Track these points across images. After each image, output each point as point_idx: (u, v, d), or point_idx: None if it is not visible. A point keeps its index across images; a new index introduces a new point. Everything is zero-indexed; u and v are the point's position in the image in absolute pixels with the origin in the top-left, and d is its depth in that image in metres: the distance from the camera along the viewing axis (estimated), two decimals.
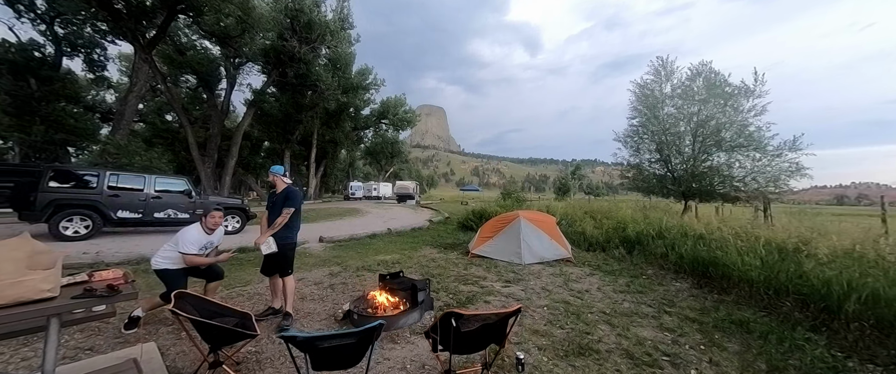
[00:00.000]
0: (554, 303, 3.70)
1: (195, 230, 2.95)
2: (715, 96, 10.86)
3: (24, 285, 1.22)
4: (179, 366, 2.28)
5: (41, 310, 1.27)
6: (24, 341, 2.49)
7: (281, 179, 3.18)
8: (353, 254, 6.77)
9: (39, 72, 19.61)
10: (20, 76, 18.97)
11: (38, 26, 19.99)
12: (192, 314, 1.88)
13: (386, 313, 2.94)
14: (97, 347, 2.48)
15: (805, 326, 3.15)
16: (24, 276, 1.22)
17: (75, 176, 6.46)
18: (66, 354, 2.36)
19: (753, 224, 6.35)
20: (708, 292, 4.31)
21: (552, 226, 6.64)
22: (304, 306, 3.43)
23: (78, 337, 2.64)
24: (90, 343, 2.56)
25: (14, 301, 1.21)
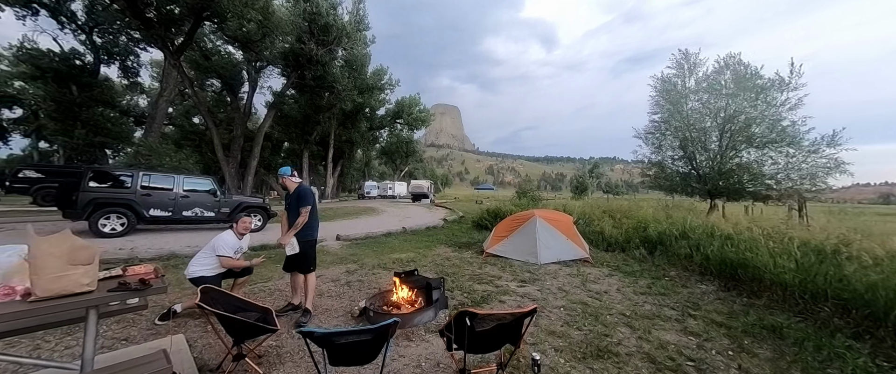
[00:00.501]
0: (571, 304, 3.63)
1: (230, 236, 3.20)
2: (744, 90, 10.31)
3: (67, 279, 1.31)
4: (206, 358, 2.39)
5: (81, 302, 1.36)
6: (67, 330, 2.67)
7: (290, 179, 3.25)
8: (370, 252, 6.87)
9: (80, 79, 21.01)
10: (63, 83, 20.39)
11: (79, 36, 21.40)
12: (216, 309, 1.97)
13: (401, 311, 2.97)
14: (131, 337, 2.64)
15: (846, 333, 2.94)
16: (67, 271, 1.31)
17: (112, 177, 6.89)
18: (104, 344, 2.52)
19: (787, 224, 5.99)
20: (736, 296, 4.10)
21: (569, 225, 6.51)
22: (321, 303, 3.52)
23: (114, 328, 2.81)
24: (125, 334, 2.72)
25: (58, 294, 1.30)
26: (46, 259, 1.26)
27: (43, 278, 1.27)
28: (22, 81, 23.17)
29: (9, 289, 1.31)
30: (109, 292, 1.45)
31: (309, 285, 3.10)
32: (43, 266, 1.26)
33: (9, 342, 2.36)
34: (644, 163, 13.29)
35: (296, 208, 3.11)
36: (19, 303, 1.29)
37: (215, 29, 21.91)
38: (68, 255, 1.31)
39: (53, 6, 20.03)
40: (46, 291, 1.28)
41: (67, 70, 20.62)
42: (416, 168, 71.80)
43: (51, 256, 1.27)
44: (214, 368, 2.21)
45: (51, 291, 1.29)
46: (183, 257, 5.64)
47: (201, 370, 2.16)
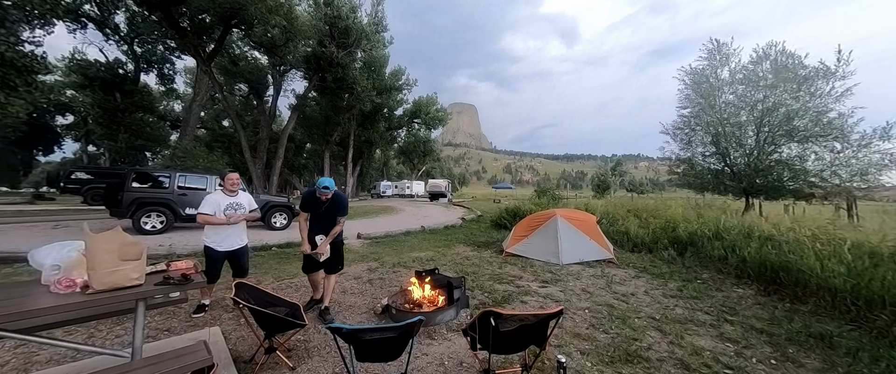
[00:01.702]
0: (596, 306, 3.52)
1: (217, 194, 3.27)
2: (785, 81, 9.60)
3: (119, 273, 1.42)
4: (240, 349, 2.51)
5: (131, 294, 1.46)
6: (116, 321, 2.89)
7: None
8: (390, 250, 6.97)
9: (123, 86, 22.62)
10: (108, 91, 22.03)
11: (121, 47, 23.04)
12: (249, 303, 2.06)
13: (422, 309, 2.99)
14: (173, 328, 2.81)
15: None
16: (119, 266, 1.41)
17: (152, 177, 7.38)
18: (149, 333, 2.70)
19: (835, 225, 5.54)
20: (778, 301, 3.84)
21: (592, 225, 6.32)
22: (345, 300, 3.60)
23: (157, 319, 3.01)
24: (167, 325, 2.91)
25: (111, 287, 1.41)
26: (101, 255, 1.37)
27: (99, 273, 1.37)
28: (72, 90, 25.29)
29: (70, 282, 1.43)
30: (156, 285, 1.56)
31: (332, 285, 3.16)
32: (99, 261, 1.37)
33: (67, 330, 2.58)
34: (672, 160, 12.70)
35: (332, 216, 3.07)
36: (79, 295, 1.40)
37: (242, 36, 22.94)
38: (120, 251, 1.41)
39: (99, 20, 21.65)
40: (102, 284, 1.39)
41: (112, 78, 22.26)
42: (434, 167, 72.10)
43: (105, 252, 1.38)
44: (248, 359, 2.31)
45: (106, 284, 1.39)
46: None
47: (235, 361, 2.26)
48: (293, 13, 19.65)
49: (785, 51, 10.04)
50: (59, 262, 1.46)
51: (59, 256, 1.48)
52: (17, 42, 10.22)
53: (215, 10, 17.45)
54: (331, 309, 3.12)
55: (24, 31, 10.77)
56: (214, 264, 3.17)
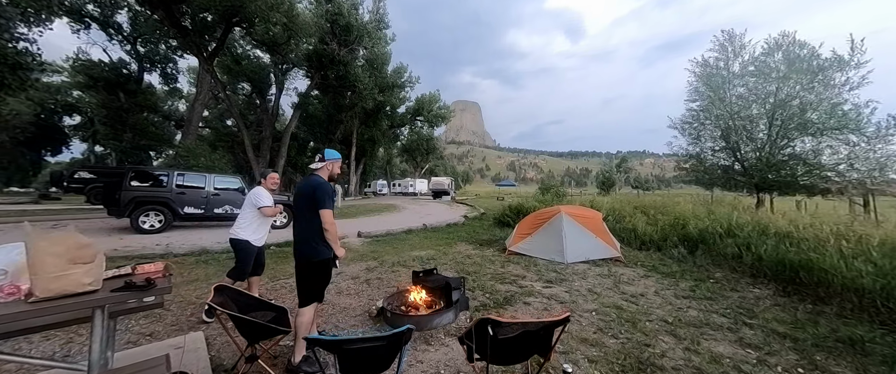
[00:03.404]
0: (604, 308, 3.32)
1: (263, 190, 3.30)
2: (798, 72, 9.24)
3: (67, 278, 1.26)
4: (223, 356, 2.36)
5: (84, 302, 1.30)
6: None
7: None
8: (390, 249, 6.82)
9: (127, 86, 22.71)
10: (112, 91, 22.14)
11: (125, 47, 23.11)
12: (230, 308, 1.90)
13: (419, 312, 2.82)
14: (156, 333, 2.66)
15: None
16: (67, 270, 1.26)
17: (151, 176, 7.31)
18: (130, 339, 2.56)
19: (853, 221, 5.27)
20: (798, 302, 3.60)
21: (598, 222, 6.10)
22: (340, 301, 3.44)
23: (142, 323, 2.87)
24: (151, 329, 2.76)
25: (58, 294, 1.25)
26: (44, 258, 1.21)
27: (42, 278, 1.22)
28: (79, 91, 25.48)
29: (14, 288, 1.28)
30: (114, 291, 1.40)
31: (303, 323, 2.18)
32: (42, 265, 1.21)
33: (28, 340, 2.39)
34: (680, 155, 12.37)
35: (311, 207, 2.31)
36: (21, 303, 1.25)
37: (244, 34, 22.87)
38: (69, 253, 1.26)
39: (102, 20, 21.72)
40: (46, 291, 1.23)
41: (116, 78, 22.36)
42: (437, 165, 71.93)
43: (49, 254, 1.22)
44: (230, 368, 2.16)
45: (51, 291, 1.24)
46: (213, 253, 5.84)
47: (216, 370, 2.11)
48: (294, 10, 19.51)
49: (797, 41, 9.67)
50: (6, 266, 1.31)
51: (6, 259, 1.33)
52: (11, 39, 10.16)
53: (216, 8, 17.36)
54: None
55: (16, 27, 10.71)
56: (249, 259, 3.12)
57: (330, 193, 2.29)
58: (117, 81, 22.25)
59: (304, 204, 2.23)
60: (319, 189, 2.21)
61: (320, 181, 2.28)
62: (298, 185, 2.41)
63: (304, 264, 2.22)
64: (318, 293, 2.31)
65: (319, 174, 2.33)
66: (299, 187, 2.36)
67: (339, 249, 2.35)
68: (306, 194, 2.24)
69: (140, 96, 23.08)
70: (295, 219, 2.33)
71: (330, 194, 2.29)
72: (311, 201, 2.20)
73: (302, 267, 2.24)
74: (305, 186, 2.29)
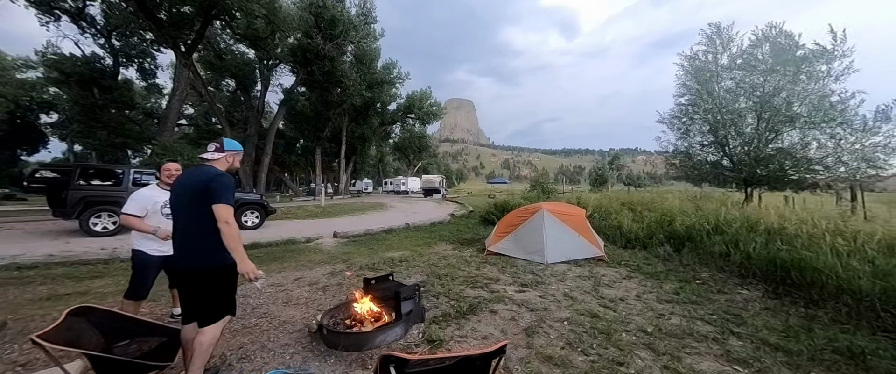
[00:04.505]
0: (578, 316, 2.98)
1: (147, 189, 2.61)
2: (784, 63, 9.05)
3: None
4: None
5: None
6: None
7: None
8: (364, 250, 6.43)
9: (101, 82, 21.74)
10: (86, 87, 21.16)
11: (98, 40, 22.11)
12: (87, 339, 1.48)
13: (363, 327, 2.43)
14: (31, 364, 2.17)
15: None
16: None
17: (103, 174, 6.75)
18: (5, 370, 2.11)
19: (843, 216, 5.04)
20: (790, 304, 3.31)
21: (581, 220, 5.78)
22: (283, 313, 3.03)
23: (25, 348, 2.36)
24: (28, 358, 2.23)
25: None
26: None
27: None
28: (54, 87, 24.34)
29: None
30: None
31: (204, 343, 1.75)
32: None
33: None
34: (669, 151, 12.16)
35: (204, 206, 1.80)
36: None
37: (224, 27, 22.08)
38: None
39: (74, 11, 20.70)
40: None
41: (89, 74, 21.37)
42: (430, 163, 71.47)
43: None
44: None
45: None
46: None
47: None
48: (275, 3, 18.83)
49: (783, 32, 9.49)
50: None
51: None
52: None
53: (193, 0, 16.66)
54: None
55: None
56: (146, 274, 2.47)
57: (230, 186, 1.86)
58: (91, 77, 21.27)
59: (192, 200, 1.77)
60: (216, 181, 1.77)
61: (217, 172, 1.85)
62: (180, 178, 1.93)
63: (197, 275, 1.77)
64: (229, 305, 1.90)
65: (215, 165, 1.91)
66: (182, 180, 1.88)
67: (243, 262, 1.81)
68: (194, 187, 1.78)
69: (116, 92, 22.13)
70: (177, 220, 1.84)
71: (231, 187, 1.86)
72: (204, 196, 1.75)
73: (197, 280, 1.77)
74: (193, 178, 1.82)
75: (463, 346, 2.34)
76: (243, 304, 3.21)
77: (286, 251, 6.22)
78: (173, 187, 1.89)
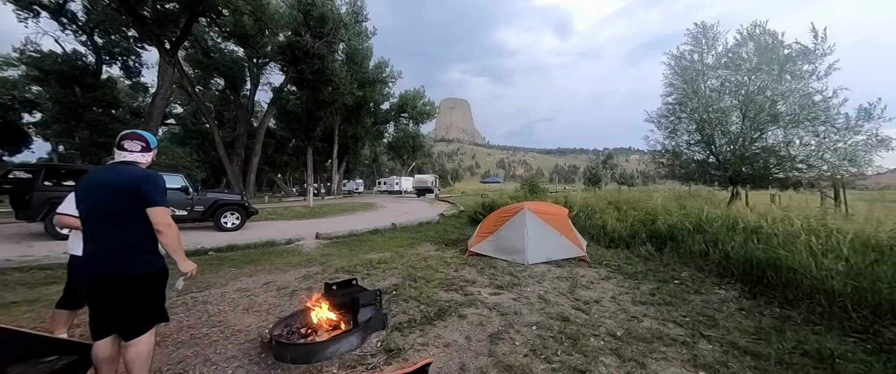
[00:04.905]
0: (548, 320, 2.89)
1: None
2: (768, 62, 9.11)
3: None
4: None
5: None
6: None
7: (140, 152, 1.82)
8: (345, 252, 6.29)
9: (83, 80, 21.18)
10: (67, 85, 20.60)
11: (80, 37, 21.53)
12: None
13: (317, 336, 2.30)
14: None
15: None
16: None
17: (70, 174, 6.50)
18: None
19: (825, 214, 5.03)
20: (765, 305, 3.27)
21: (563, 220, 5.71)
22: (240, 321, 2.89)
23: None
24: None
25: None
26: None
27: None
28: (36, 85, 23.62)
29: None
30: None
31: (143, 353, 1.66)
32: None
33: None
34: (657, 151, 12.20)
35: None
36: None
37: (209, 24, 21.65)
38: None
39: (54, 7, 20.12)
40: None
41: (70, 72, 20.81)
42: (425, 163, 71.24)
43: None
44: None
45: None
46: None
47: None
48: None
49: (767, 31, 9.54)
50: None
51: None
52: None
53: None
54: None
55: None
56: (80, 281, 2.22)
57: (164, 186, 1.75)
58: (72, 75, 20.71)
59: (118, 202, 1.62)
60: (147, 181, 1.65)
61: (146, 172, 1.72)
62: (96, 177, 1.70)
63: (127, 283, 1.63)
64: (161, 313, 1.79)
65: (139, 165, 1.77)
66: (98, 180, 1.68)
67: (185, 262, 1.83)
68: (121, 189, 1.63)
69: (98, 91, 21.58)
70: (92, 225, 1.66)
71: (164, 187, 1.75)
72: (135, 198, 1.63)
73: (125, 288, 1.63)
74: (116, 179, 1.66)
75: (421, 357, 2.23)
76: (200, 311, 3.06)
77: (264, 254, 6.05)
78: (83, 186, 1.69)
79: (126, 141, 1.74)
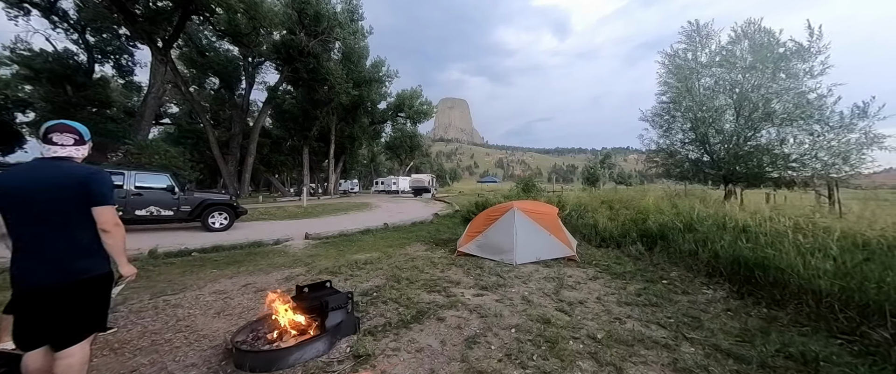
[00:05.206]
0: (529, 322, 2.80)
1: None
2: (763, 60, 9.06)
3: None
4: None
5: None
6: None
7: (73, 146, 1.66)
8: (333, 252, 6.19)
9: (75, 79, 20.92)
10: (58, 84, 20.34)
11: (71, 35, 21.25)
12: None
13: (281, 342, 2.20)
14: None
15: None
16: None
17: None
18: None
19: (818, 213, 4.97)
20: (753, 305, 3.19)
21: (553, 219, 5.63)
22: (208, 325, 2.78)
23: None
24: None
25: None
26: None
27: None
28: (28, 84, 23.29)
29: None
30: None
31: (75, 366, 1.53)
32: None
33: None
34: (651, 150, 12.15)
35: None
36: None
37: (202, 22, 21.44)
38: None
39: (44, 5, 19.86)
40: None
41: (62, 70, 20.54)
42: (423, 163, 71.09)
43: None
44: None
45: None
46: None
47: None
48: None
49: (762, 29, 9.49)
50: None
51: None
52: None
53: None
54: None
55: None
56: None
57: (111, 184, 1.66)
58: (63, 73, 20.45)
59: (58, 202, 1.50)
60: (96, 179, 1.56)
61: (92, 168, 1.61)
62: (26, 176, 1.53)
63: (67, 290, 1.51)
64: (100, 321, 1.68)
65: (74, 160, 1.67)
66: (33, 178, 1.51)
67: (127, 265, 1.74)
68: (66, 186, 1.51)
69: (90, 89, 21.33)
70: (25, 229, 1.50)
71: (112, 185, 1.66)
72: (82, 197, 1.53)
73: (65, 296, 1.51)
74: (58, 175, 1.53)
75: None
76: (169, 316, 2.96)
77: (249, 255, 5.94)
78: (11, 183, 1.50)
79: (54, 134, 1.58)
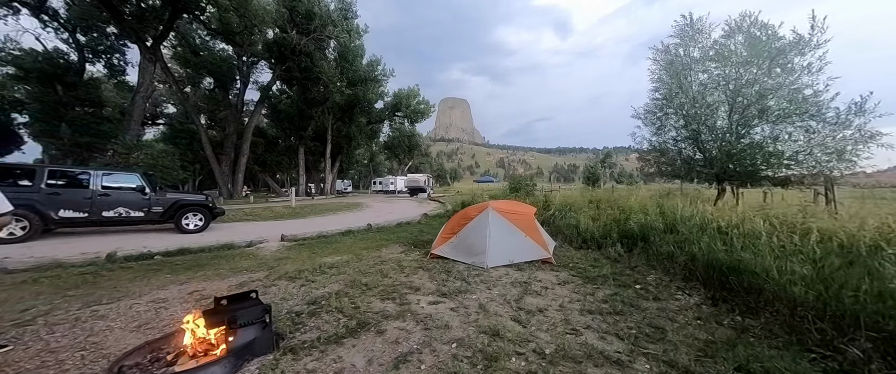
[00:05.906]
0: (476, 334, 2.56)
1: None
2: (758, 55, 8.76)
3: None
4: None
5: None
6: None
7: None
8: (304, 255, 5.95)
9: (65, 78, 20.78)
10: (48, 83, 20.20)
11: (62, 35, 21.11)
12: None
13: (177, 366, 1.96)
14: None
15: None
16: None
17: (11, 173, 6.18)
18: None
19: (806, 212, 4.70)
20: (726, 313, 2.94)
21: (529, 219, 5.38)
22: (120, 341, 2.50)
23: None
24: None
25: None
26: None
27: None
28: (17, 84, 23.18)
29: None
30: None
31: None
32: None
33: None
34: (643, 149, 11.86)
35: None
36: None
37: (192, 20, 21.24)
38: None
39: (34, 4, 19.70)
40: None
41: (52, 69, 20.40)
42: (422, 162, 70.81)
43: None
44: None
45: None
46: (68, 267, 4.84)
47: None
48: None
49: (758, 22, 9.17)
50: None
51: None
52: None
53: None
54: None
55: None
56: None
57: None
58: (54, 73, 20.30)
59: None
60: None
61: None
62: None
63: None
64: None
65: None
66: None
67: None
68: None
69: (81, 89, 21.17)
70: None
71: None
72: None
73: None
74: None
75: None
76: (84, 329, 2.71)
77: (215, 258, 5.71)
78: None
79: None
